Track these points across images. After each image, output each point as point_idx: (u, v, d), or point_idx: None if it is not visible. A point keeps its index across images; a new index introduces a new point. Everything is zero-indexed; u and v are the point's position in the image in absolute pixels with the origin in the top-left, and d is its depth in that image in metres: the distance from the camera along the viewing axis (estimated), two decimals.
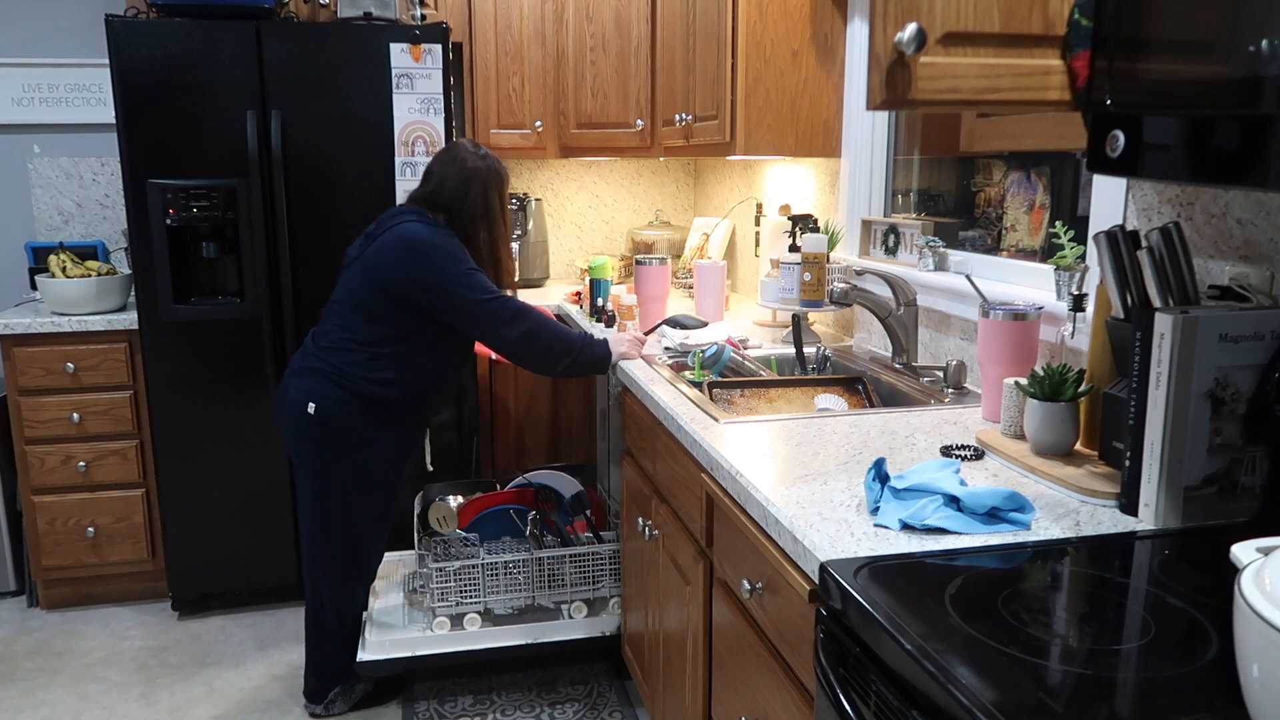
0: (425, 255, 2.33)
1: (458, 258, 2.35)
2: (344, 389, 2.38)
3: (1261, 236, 1.42)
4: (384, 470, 2.50)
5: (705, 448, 1.71)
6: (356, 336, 2.39)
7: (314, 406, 2.39)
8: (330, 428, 2.40)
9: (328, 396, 2.39)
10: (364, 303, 2.38)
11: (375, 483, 2.49)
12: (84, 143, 3.60)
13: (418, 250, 2.34)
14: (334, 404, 2.39)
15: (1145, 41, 1.20)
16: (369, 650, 2.57)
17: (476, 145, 2.49)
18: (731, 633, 1.67)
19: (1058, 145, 2.08)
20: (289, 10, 3.10)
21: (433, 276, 2.33)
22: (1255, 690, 0.79)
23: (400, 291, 2.35)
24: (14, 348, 3.05)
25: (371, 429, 2.43)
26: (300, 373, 2.44)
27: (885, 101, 1.36)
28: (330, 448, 2.42)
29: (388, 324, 2.38)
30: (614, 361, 2.43)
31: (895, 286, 2.28)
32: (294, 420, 2.43)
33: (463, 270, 2.34)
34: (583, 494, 2.76)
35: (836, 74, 2.64)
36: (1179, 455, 1.26)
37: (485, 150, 2.49)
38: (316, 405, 2.39)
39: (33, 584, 3.28)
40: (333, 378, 2.39)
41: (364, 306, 2.38)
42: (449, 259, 2.34)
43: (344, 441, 2.41)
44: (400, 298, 2.35)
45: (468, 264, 2.36)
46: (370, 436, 2.43)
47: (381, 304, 2.37)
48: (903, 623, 1.02)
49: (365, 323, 2.38)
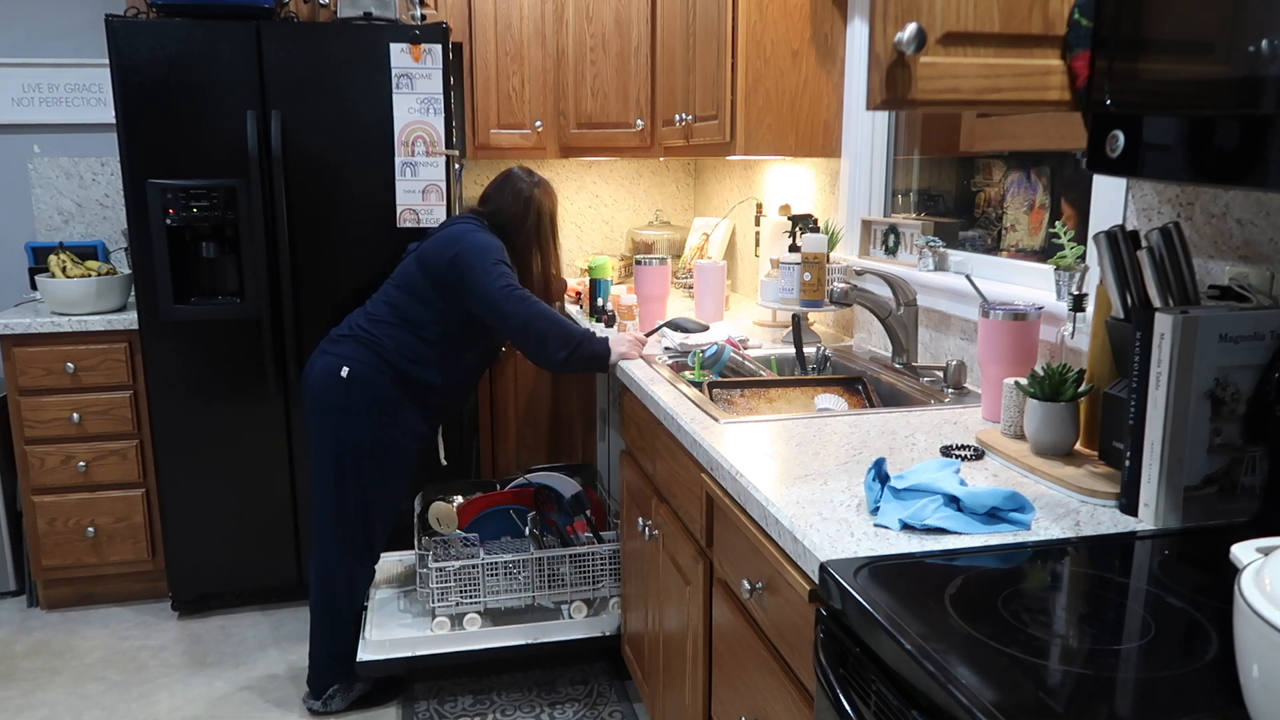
0: (463, 241, 2.48)
1: (491, 250, 2.48)
2: (381, 358, 2.50)
3: (1261, 236, 1.42)
4: (403, 449, 2.56)
5: (705, 448, 1.71)
6: (401, 314, 2.52)
7: (348, 370, 2.49)
8: (359, 392, 2.49)
9: (363, 361, 2.50)
10: (413, 285, 2.52)
11: (393, 460, 2.56)
12: (84, 143, 3.60)
13: (459, 238, 2.50)
14: (368, 369, 2.49)
15: (1145, 41, 1.20)
16: (369, 650, 2.57)
17: (529, 172, 2.66)
18: (731, 633, 1.67)
19: (1058, 145, 2.08)
20: (289, 10, 3.10)
21: (460, 255, 2.46)
22: (1255, 690, 0.79)
23: (440, 274, 2.48)
24: (14, 348, 3.05)
25: (397, 403, 2.52)
26: (337, 340, 2.56)
27: (885, 101, 1.36)
28: (355, 414, 2.49)
29: (431, 309, 2.50)
30: (614, 361, 2.44)
31: (895, 286, 2.28)
32: (324, 385, 2.50)
33: (490, 260, 2.46)
34: (583, 494, 2.76)
35: (836, 74, 2.64)
36: (1179, 455, 1.26)
37: (539, 177, 2.67)
38: (350, 368, 2.49)
39: (33, 584, 3.28)
40: (371, 345, 2.51)
41: (412, 289, 2.52)
42: (482, 248, 2.47)
43: (369, 409, 2.50)
44: (441, 282, 2.48)
45: (497, 256, 2.48)
46: (396, 409, 2.52)
47: (427, 288, 2.50)
48: (903, 623, 1.02)
49: (411, 303, 2.52)
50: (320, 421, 2.53)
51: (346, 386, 2.48)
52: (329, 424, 2.51)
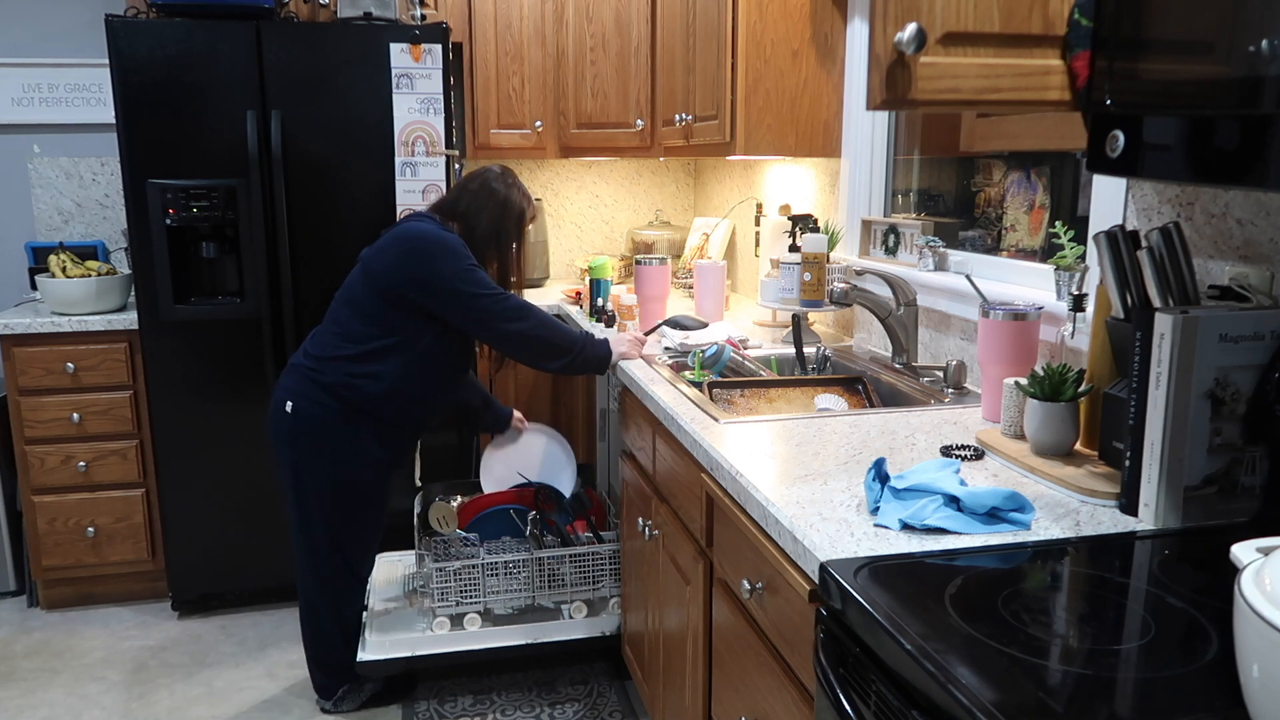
0: (424, 251, 2.29)
1: (458, 253, 2.30)
2: (325, 389, 2.34)
3: (1261, 236, 1.42)
4: (365, 484, 2.45)
5: (705, 448, 1.71)
6: (347, 334, 2.35)
7: (291, 405, 2.36)
8: (306, 429, 2.36)
9: (307, 395, 2.35)
10: (360, 302, 2.36)
11: (356, 495, 2.45)
12: (84, 143, 3.60)
13: (416, 247, 2.30)
14: (313, 405, 2.35)
15: (1145, 41, 1.20)
16: (369, 650, 2.57)
17: (507, 172, 2.48)
18: (731, 633, 1.67)
19: (1058, 145, 2.08)
20: (289, 10, 3.10)
21: (431, 273, 2.28)
22: (1255, 690, 0.79)
23: (398, 291, 2.30)
24: (14, 348, 3.05)
25: (350, 437, 2.37)
26: (288, 370, 2.43)
27: (885, 101, 1.36)
28: (306, 452, 2.38)
29: (382, 324, 2.33)
30: (614, 361, 2.43)
31: (895, 286, 2.28)
32: (273, 418, 2.42)
33: (463, 266, 2.29)
34: (583, 494, 2.76)
35: (836, 74, 2.64)
36: (1179, 455, 1.26)
37: (515, 180, 2.47)
38: (294, 404, 2.36)
39: (33, 584, 3.28)
40: (313, 376, 2.35)
41: (360, 306, 2.36)
42: (448, 254, 2.29)
43: (321, 446, 2.37)
44: (397, 297, 2.31)
45: (468, 260, 2.32)
46: (349, 445, 2.38)
47: (377, 304, 2.33)
48: (903, 623, 1.02)
49: (359, 322, 2.35)
50: (279, 457, 2.43)
51: (292, 422, 2.36)
52: (285, 460, 2.41)
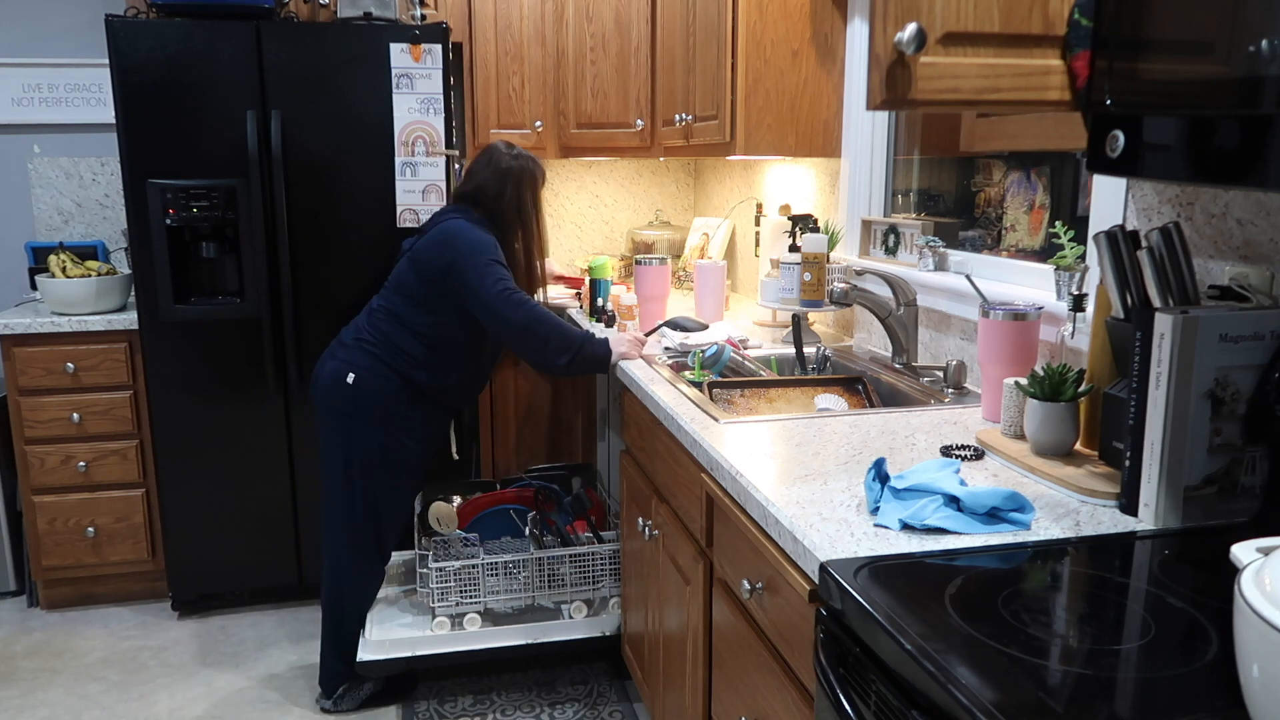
0: (455, 243, 2.46)
1: (484, 249, 2.46)
2: (385, 364, 2.50)
3: (1261, 236, 1.42)
4: (412, 451, 2.57)
5: (705, 448, 1.71)
6: (400, 319, 2.51)
7: (353, 376, 2.49)
8: (366, 399, 2.49)
9: (368, 368, 2.49)
10: (410, 289, 2.51)
11: (403, 463, 2.57)
12: (84, 143, 3.60)
13: (451, 239, 2.48)
14: (373, 375, 2.49)
15: (1145, 41, 1.20)
16: (369, 650, 2.57)
17: (510, 145, 2.63)
18: (731, 633, 1.67)
19: (1058, 145, 2.08)
20: (289, 10, 3.10)
21: (456, 261, 2.44)
22: (1255, 690, 0.79)
23: (436, 279, 2.47)
24: (14, 348, 3.05)
25: (403, 408, 2.52)
26: (344, 345, 2.55)
27: (885, 101, 1.36)
28: (363, 420, 2.50)
29: (430, 311, 2.49)
30: (614, 361, 2.44)
31: (895, 286, 2.28)
32: (331, 390, 2.51)
33: (483, 260, 2.44)
34: (583, 494, 2.76)
35: (836, 74, 2.64)
36: (1179, 455, 1.25)
37: (519, 150, 2.63)
38: (356, 374, 2.49)
39: (33, 584, 3.28)
40: (375, 351, 2.50)
41: (410, 293, 2.51)
42: (475, 248, 2.45)
43: (377, 415, 2.50)
44: (437, 285, 2.47)
45: (490, 255, 2.46)
46: (402, 414, 2.52)
47: (424, 291, 2.49)
48: (902, 623, 1.02)
49: (410, 308, 2.51)
50: (329, 426, 2.54)
51: (354, 392, 2.49)
52: (337, 429, 2.52)
